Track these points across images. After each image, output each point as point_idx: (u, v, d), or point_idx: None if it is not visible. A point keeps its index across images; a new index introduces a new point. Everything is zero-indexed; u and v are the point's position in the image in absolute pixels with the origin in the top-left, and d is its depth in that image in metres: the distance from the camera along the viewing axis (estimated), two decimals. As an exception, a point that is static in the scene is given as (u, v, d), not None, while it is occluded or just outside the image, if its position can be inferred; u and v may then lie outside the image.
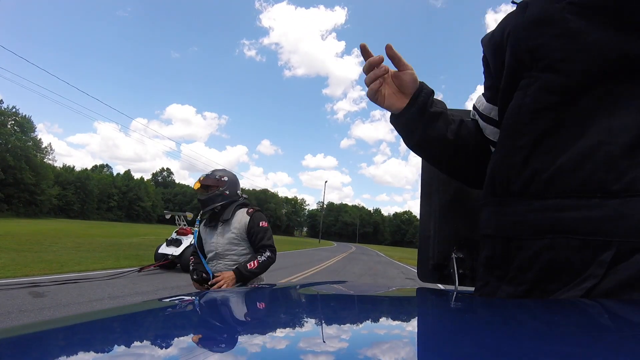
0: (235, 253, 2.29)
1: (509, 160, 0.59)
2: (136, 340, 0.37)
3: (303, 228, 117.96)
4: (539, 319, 0.42)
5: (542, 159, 0.55)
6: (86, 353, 0.32)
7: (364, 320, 0.46)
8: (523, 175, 0.57)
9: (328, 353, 0.29)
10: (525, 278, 0.55)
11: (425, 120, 0.72)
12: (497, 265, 0.61)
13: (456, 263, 0.94)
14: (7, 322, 4.00)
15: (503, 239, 0.60)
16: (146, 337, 0.38)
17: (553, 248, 0.52)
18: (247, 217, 2.33)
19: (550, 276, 0.52)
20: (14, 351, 0.32)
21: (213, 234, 2.35)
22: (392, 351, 0.31)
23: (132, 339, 0.37)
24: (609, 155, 0.49)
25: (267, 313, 0.51)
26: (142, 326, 0.45)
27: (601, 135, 0.51)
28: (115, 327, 0.43)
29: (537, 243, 0.54)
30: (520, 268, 0.56)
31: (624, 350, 0.29)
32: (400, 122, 0.75)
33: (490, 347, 0.30)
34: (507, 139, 0.61)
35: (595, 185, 0.50)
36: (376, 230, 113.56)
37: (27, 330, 0.41)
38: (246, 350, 0.31)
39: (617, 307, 0.45)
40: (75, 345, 0.35)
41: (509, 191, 0.59)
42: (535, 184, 0.55)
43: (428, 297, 0.66)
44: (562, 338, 0.32)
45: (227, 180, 2.41)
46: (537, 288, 0.54)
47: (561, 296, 0.51)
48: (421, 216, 1.08)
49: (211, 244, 2.32)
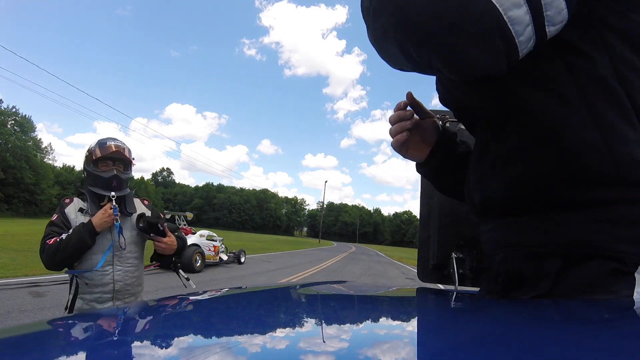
0: (136, 256, 1.84)
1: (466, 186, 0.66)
2: (136, 340, 0.37)
3: (303, 228, 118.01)
4: (538, 319, 0.42)
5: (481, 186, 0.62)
6: (87, 353, 0.32)
7: (364, 320, 0.46)
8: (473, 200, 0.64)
9: (328, 353, 0.29)
10: (496, 288, 0.60)
11: (449, 168, 0.74)
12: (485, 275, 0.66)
13: (456, 263, 0.94)
14: (7, 322, 4.01)
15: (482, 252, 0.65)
16: (146, 337, 0.38)
17: (507, 260, 0.57)
18: (147, 210, 1.94)
19: (513, 285, 0.56)
20: (14, 351, 0.32)
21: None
22: (392, 351, 0.31)
23: (132, 339, 0.37)
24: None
25: (267, 313, 0.51)
26: (142, 326, 0.45)
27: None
28: (116, 327, 0.43)
29: (497, 257, 0.60)
30: (492, 278, 0.62)
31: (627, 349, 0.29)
32: (424, 171, 0.77)
33: (490, 347, 0.30)
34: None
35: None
36: (376, 230, 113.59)
37: (27, 330, 0.41)
38: (246, 350, 0.31)
39: (613, 306, 0.46)
40: (74, 346, 0.35)
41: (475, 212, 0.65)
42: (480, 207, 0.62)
43: (428, 297, 0.66)
44: (561, 337, 0.32)
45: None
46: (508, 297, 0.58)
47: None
48: (421, 216, 1.08)
49: (106, 240, 1.74)
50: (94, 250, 1.69)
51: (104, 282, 1.71)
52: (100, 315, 0.50)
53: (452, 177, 0.74)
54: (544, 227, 0.52)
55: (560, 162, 0.49)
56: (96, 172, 1.77)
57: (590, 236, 0.49)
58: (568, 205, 0.50)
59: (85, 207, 1.77)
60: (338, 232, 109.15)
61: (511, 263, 0.56)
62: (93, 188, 1.78)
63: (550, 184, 0.51)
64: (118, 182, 1.78)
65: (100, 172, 1.77)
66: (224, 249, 11.96)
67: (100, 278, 1.70)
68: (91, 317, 0.50)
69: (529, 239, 0.54)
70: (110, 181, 1.76)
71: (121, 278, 1.75)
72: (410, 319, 0.49)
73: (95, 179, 1.77)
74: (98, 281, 1.70)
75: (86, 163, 1.81)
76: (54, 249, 1.61)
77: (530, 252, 0.54)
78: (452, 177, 0.74)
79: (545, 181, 0.51)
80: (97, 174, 1.76)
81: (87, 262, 1.69)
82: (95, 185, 1.77)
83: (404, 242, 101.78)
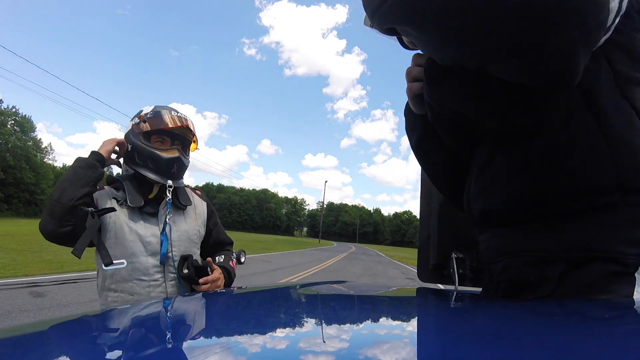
0: (194, 258, 1.34)
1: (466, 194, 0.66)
2: (136, 341, 0.37)
3: (303, 228, 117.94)
4: (538, 319, 0.42)
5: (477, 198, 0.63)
6: (88, 353, 0.32)
7: (364, 320, 0.46)
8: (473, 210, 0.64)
9: (328, 353, 0.29)
10: (498, 295, 0.60)
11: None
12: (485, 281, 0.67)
13: (456, 263, 0.94)
14: (7, 322, 4.01)
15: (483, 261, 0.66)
16: (147, 337, 0.38)
17: (509, 267, 0.58)
18: (202, 202, 1.48)
19: (515, 291, 0.57)
20: (14, 351, 0.32)
21: (151, 225, 1.28)
22: (392, 351, 0.31)
23: (132, 339, 0.37)
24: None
25: (267, 313, 0.51)
26: (143, 326, 0.45)
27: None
28: (116, 328, 0.43)
29: (499, 264, 0.60)
30: (493, 286, 0.62)
31: (627, 348, 0.29)
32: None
33: (490, 347, 0.30)
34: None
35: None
36: (376, 230, 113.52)
37: (27, 330, 0.41)
38: (246, 350, 0.31)
39: (613, 305, 0.46)
40: (74, 346, 0.35)
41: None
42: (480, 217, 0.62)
43: (428, 297, 0.66)
44: (561, 337, 0.32)
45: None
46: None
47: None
48: (421, 216, 1.08)
49: (151, 239, 1.25)
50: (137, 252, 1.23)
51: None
52: (100, 316, 0.50)
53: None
54: (546, 234, 0.53)
55: (566, 174, 0.50)
56: (151, 148, 1.27)
57: (591, 239, 0.49)
58: (569, 212, 0.51)
59: (120, 198, 1.27)
60: (338, 232, 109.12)
61: (513, 270, 0.56)
62: (142, 170, 1.27)
63: (554, 195, 0.51)
64: (179, 167, 1.32)
65: (157, 150, 1.28)
66: (224, 249, 11.94)
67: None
68: (91, 318, 0.50)
69: (531, 245, 0.54)
70: (171, 165, 1.29)
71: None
72: (410, 319, 0.49)
73: (149, 158, 1.27)
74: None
75: (132, 133, 1.29)
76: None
77: (532, 259, 0.54)
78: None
79: (549, 193, 0.52)
80: (153, 152, 1.27)
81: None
82: (146, 167, 1.28)
83: (404, 242, 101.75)
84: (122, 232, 1.23)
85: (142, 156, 1.28)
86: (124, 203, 1.27)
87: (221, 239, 1.50)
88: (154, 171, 1.28)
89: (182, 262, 1.30)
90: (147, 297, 1.22)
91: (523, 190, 0.54)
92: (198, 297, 0.59)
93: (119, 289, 1.22)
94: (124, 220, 1.24)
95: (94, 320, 0.47)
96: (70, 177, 1.18)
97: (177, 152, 1.31)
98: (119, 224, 1.23)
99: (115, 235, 1.22)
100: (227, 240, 1.53)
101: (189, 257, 1.30)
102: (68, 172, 1.20)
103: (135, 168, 1.29)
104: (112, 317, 0.49)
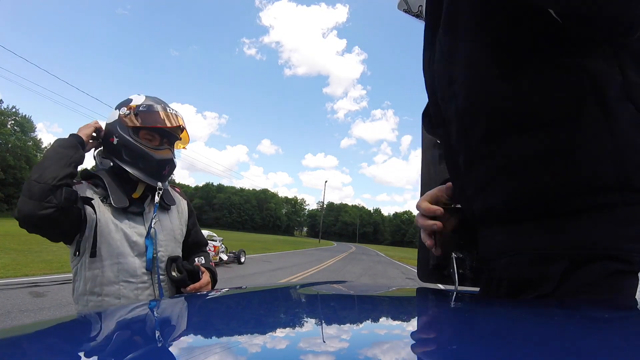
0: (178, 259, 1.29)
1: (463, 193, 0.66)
2: (136, 341, 0.37)
3: (303, 228, 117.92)
4: (539, 318, 0.42)
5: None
6: (88, 353, 0.32)
7: (364, 320, 0.46)
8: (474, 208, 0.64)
9: (328, 353, 0.29)
10: (499, 293, 0.60)
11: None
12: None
13: (456, 263, 0.94)
14: (7, 322, 4.01)
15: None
16: (146, 337, 0.38)
17: (511, 265, 0.57)
18: (183, 200, 1.42)
19: (516, 290, 0.57)
20: (14, 351, 0.32)
21: (137, 225, 1.20)
22: (392, 351, 0.31)
23: (132, 340, 0.37)
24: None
25: (267, 313, 0.51)
26: (142, 326, 0.45)
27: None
28: (117, 327, 0.43)
29: (500, 262, 0.60)
30: (493, 284, 0.62)
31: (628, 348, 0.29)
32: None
33: (490, 347, 0.30)
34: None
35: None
36: (376, 230, 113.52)
37: (27, 330, 0.41)
38: (246, 350, 0.31)
39: (614, 305, 0.46)
40: (74, 346, 0.35)
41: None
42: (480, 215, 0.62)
43: (428, 297, 0.66)
44: (562, 336, 0.32)
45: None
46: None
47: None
48: (421, 216, 1.08)
49: (138, 239, 1.18)
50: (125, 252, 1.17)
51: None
52: (100, 316, 0.50)
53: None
54: (549, 232, 0.53)
55: (571, 170, 0.50)
56: (143, 146, 1.17)
57: (595, 237, 0.49)
58: (573, 210, 0.51)
59: (100, 195, 1.17)
60: (338, 232, 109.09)
61: (514, 269, 0.56)
62: (130, 167, 1.17)
63: (557, 191, 0.51)
64: (171, 169, 1.26)
65: (149, 149, 1.18)
66: (224, 249, 11.96)
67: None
68: (91, 317, 0.50)
69: (534, 243, 0.54)
70: (163, 166, 1.21)
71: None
72: (410, 319, 0.49)
73: (140, 157, 1.17)
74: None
75: (120, 125, 1.18)
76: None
77: (535, 257, 0.54)
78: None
79: (552, 189, 0.52)
80: (145, 151, 1.17)
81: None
82: (135, 165, 1.17)
83: (404, 242, 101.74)
84: (107, 230, 1.13)
85: (131, 153, 1.17)
86: (105, 201, 1.17)
87: (199, 239, 1.45)
88: (143, 171, 1.19)
89: (170, 263, 1.23)
90: (135, 300, 1.15)
91: (526, 186, 0.54)
92: (197, 297, 0.59)
93: (103, 293, 1.12)
94: (109, 217, 1.15)
95: (95, 319, 0.47)
96: (52, 155, 1.08)
97: (169, 152, 1.25)
98: (104, 220, 1.14)
99: (101, 232, 1.13)
100: (204, 241, 1.48)
101: (178, 259, 1.25)
102: (48, 152, 1.10)
103: (121, 164, 1.18)
104: (112, 317, 0.49)
